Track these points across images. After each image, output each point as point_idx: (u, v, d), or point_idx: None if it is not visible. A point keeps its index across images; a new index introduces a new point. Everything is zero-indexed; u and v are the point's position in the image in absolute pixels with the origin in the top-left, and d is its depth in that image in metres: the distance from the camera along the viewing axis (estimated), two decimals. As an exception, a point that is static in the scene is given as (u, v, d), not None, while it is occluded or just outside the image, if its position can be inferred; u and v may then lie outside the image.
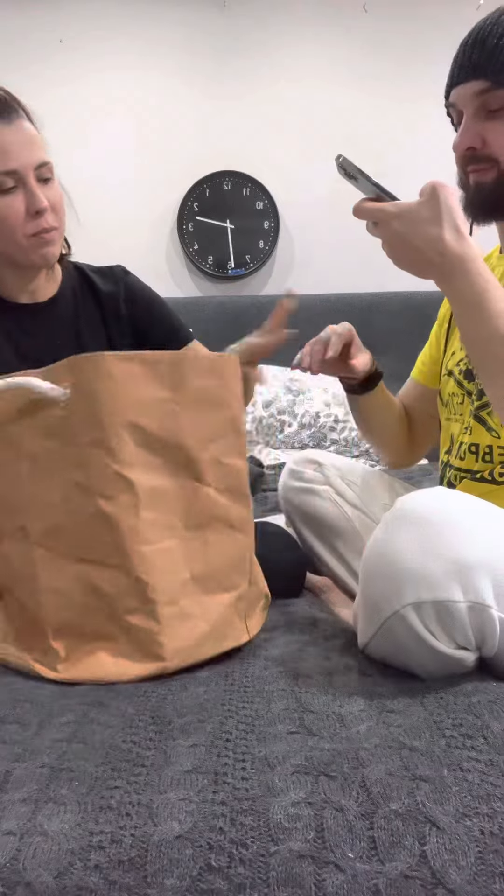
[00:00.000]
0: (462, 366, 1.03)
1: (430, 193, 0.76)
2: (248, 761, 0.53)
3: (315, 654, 0.77)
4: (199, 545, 0.77)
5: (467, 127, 0.91)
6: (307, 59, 2.91)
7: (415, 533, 0.65)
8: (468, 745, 0.54)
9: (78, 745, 0.56)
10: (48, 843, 0.44)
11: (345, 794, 0.48)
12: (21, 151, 1.02)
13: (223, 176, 2.93)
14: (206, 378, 0.78)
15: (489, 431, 0.95)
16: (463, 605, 0.63)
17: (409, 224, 0.77)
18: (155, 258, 2.94)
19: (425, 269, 0.79)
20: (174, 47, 2.90)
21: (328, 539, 1.15)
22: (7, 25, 2.85)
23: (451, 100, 0.93)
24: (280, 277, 3.01)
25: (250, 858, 0.44)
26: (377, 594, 0.67)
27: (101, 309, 1.21)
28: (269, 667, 0.74)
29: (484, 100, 0.89)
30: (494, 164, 0.90)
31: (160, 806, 0.47)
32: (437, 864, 0.43)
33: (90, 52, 2.87)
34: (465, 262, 0.76)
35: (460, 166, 0.95)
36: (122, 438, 0.72)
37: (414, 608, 0.64)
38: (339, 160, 0.80)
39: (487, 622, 0.64)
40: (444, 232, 0.75)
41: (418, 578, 0.64)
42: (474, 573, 0.63)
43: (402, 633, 0.65)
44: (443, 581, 0.63)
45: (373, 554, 0.69)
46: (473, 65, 0.88)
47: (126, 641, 0.72)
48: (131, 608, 0.72)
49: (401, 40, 2.85)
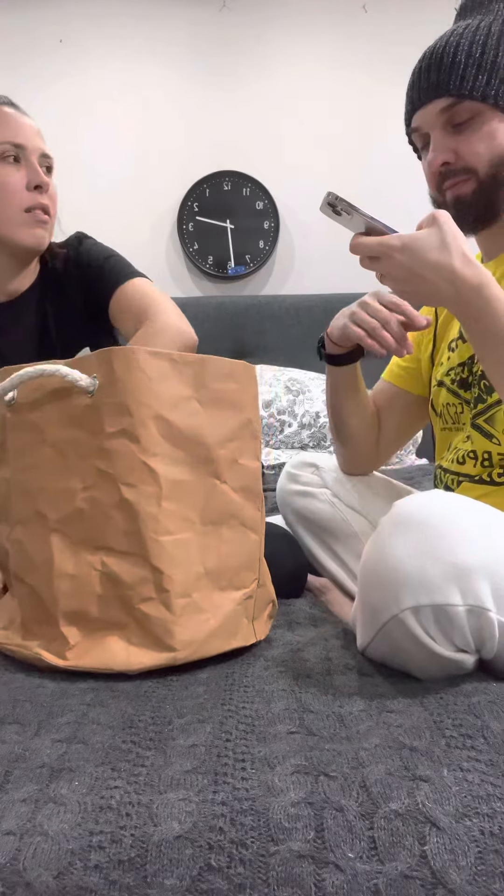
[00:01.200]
0: (454, 375, 1.03)
1: (432, 221, 0.77)
2: (248, 761, 0.53)
3: (315, 654, 0.77)
4: (214, 541, 0.78)
5: (438, 143, 0.92)
6: (307, 59, 2.91)
7: (412, 537, 0.65)
8: (468, 746, 0.54)
9: (78, 745, 0.56)
10: (48, 843, 0.44)
11: (345, 794, 0.48)
12: (28, 134, 1.08)
13: (223, 176, 2.93)
14: (225, 381, 0.80)
15: (489, 438, 0.95)
16: (462, 608, 0.63)
17: (414, 254, 0.76)
18: (155, 258, 2.94)
19: (436, 298, 0.78)
20: (174, 47, 2.90)
21: (326, 542, 1.15)
22: (7, 25, 2.85)
23: (415, 125, 0.95)
24: (280, 277, 3.01)
25: (250, 858, 0.44)
26: (376, 598, 0.67)
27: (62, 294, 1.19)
28: (269, 667, 0.74)
29: (449, 115, 0.90)
30: (472, 174, 0.91)
31: (160, 806, 0.47)
32: (437, 864, 0.43)
33: (90, 51, 2.88)
34: (481, 289, 0.76)
35: (435, 186, 0.95)
36: (149, 429, 0.74)
37: (413, 612, 0.64)
38: (328, 197, 0.79)
39: (486, 625, 0.64)
40: (454, 259, 0.75)
41: (416, 582, 0.63)
42: (473, 576, 0.63)
43: (401, 636, 0.65)
44: (441, 585, 0.63)
45: (371, 558, 0.68)
46: (433, 84, 0.90)
47: (137, 631, 0.72)
48: (146, 597, 0.72)
49: (401, 40, 2.85)
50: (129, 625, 0.73)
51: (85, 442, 0.75)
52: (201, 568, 0.76)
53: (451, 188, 0.93)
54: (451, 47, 0.89)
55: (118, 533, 0.73)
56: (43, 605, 0.76)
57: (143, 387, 0.74)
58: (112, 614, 0.73)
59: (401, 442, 1.21)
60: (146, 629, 0.72)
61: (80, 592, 0.74)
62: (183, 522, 0.75)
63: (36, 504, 0.78)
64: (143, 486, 0.73)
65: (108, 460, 0.73)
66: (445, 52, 0.90)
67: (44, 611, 0.76)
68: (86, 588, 0.74)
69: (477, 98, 0.88)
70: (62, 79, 2.87)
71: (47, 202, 1.09)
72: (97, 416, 0.75)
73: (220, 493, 0.79)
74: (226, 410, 0.80)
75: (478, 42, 0.88)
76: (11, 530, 0.82)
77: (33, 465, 0.79)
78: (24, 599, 0.80)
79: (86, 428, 0.75)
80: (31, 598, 0.78)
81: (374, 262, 0.79)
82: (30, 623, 0.78)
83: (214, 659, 0.76)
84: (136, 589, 0.72)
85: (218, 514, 0.78)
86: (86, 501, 0.75)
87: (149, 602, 0.72)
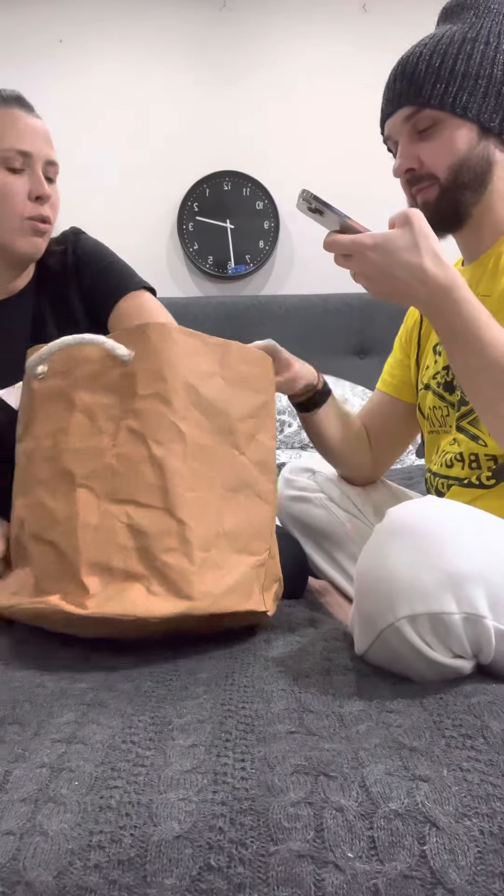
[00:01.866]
0: (440, 378, 1.03)
1: (404, 220, 0.77)
2: (247, 761, 0.53)
3: (315, 655, 0.77)
4: (231, 506, 0.82)
5: (403, 150, 0.95)
6: (307, 58, 2.92)
7: (406, 545, 0.65)
8: (468, 745, 0.54)
9: (77, 745, 0.56)
10: (48, 842, 0.44)
11: (344, 794, 0.48)
12: (36, 141, 1.07)
13: (223, 176, 2.93)
14: (248, 365, 0.87)
15: (475, 440, 0.95)
16: (457, 616, 0.63)
17: (386, 254, 0.77)
18: (155, 258, 2.94)
19: (407, 298, 0.80)
20: (174, 47, 2.90)
21: (324, 546, 1.15)
22: (7, 25, 2.86)
23: (387, 133, 0.99)
24: (280, 277, 3.01)
25: (250, 858, 0.44)
26: (371, 607, 0.67)
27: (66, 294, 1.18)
28: (269, 667, 0.74)
29: (413, 123, 0.94)
30: (434, 180, 0.94)
31: (160, 806, 0.47)
32: (436, 864, 0.43)
33: (90, 51, 2.88)
34: (451, 290, 0.77)
35: (406, 191, 0.98)
36: (180, 394, 0.79)
37: (409, 621, 0.63)
38: (304, 195, 0.80)
39: (483, 632, 0.64)
40: (424, 259, 0.76)
41: (411, 591, 0.63)
42: (467, 584, 0.63)
43: (398, 644, 0.65)
44: (436, 593, 0.63)
45: (365, 567, 0.68)
46: (398, 94, 0.95)
47: (157, 581, 0.74)
48: (169, 547, 0.75)
49: (401, 40, 2.84)
50: (150, 576, 0.74)
51: (116, 405, 0.80)
52: (220, 528, 0.80)
53: (419, 193, 0.96)
54: (413, 58, 0.94)
55: (145, 486, 0.76)
56: (63, 559, 0.77)
57: (177, 357, 0.80)
58: (132, 565, 0.75)
59: (398, 450, 1.21)
60: (167, 579, 0.74)
61: (104, 542, 0.76)
62: (205, 483, 0.79)
63: (62, 464, 0.80)
64: (171, 444, 0.77)
65: (140, 419, 0.78)
66: (409, 63, 0.94)
67: (63, 564, 0.77)
68: (109, 538, 0.76)
69: (435, 106, 0.92)
70: (62, 79, 2.88)
71: (48, 212, 1.09)
72: (131, 381, 0.80)
73: (238, 463, 0.84)
74: (247, 391, 0.86)
75: (438, 52, 0.92)
76: (28, 496, 0.83)
77: (61, 429, 0.82)
78: (39, 559, 0.80)
79: (117, 393, 0.80)
80: (48, 555, 0.79)
81: (347, 260, 0.80)
82: (45, 582, 0.79)
83: (214, 659, 0.76)
84: (160, 540, 0.75)
85: (236, 482, 0.83)
86: (115, 457, 0.78)
87: (171, 552, 0.75)
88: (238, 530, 0.81)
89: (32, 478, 0.84)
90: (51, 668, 0.75)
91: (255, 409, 0.87)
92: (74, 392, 0.82)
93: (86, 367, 0.83)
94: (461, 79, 0.90)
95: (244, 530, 0.82)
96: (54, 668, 0.75)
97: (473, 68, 0.90)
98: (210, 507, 0.79)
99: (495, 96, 0.91)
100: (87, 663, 0.76)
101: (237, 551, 0.81)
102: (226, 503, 0.81)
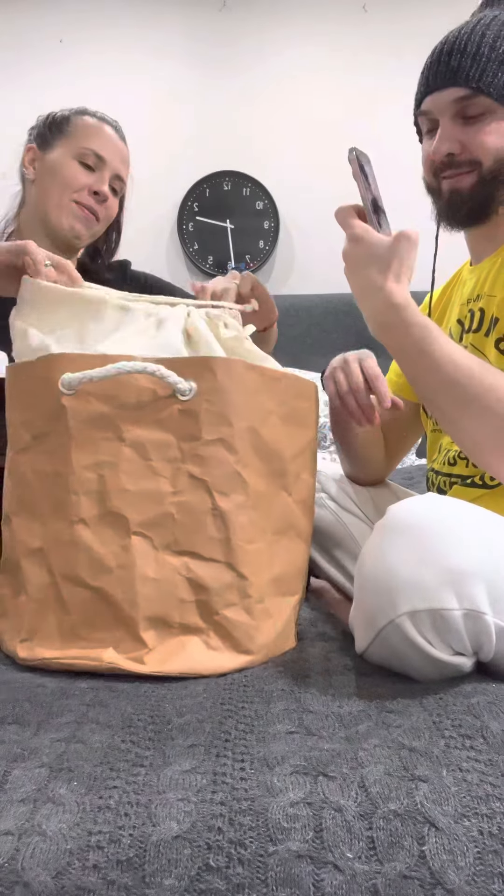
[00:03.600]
0: None
1: (395, 239, 0.79)
2: (246, 761, 0.53)
3: (314, 655, 0.77)
4: (278, 550, 0.81)
5: (446, 132, 0.90)
6: (307, 58, 2.91)
7: (407, 542, 0.65)
8: (467, 746, 0.54)
9: (77, 745, 0.56)
10: (46, 843, 0.44)
11: (344, 795, 0.48)
12: (114, 155, 1.20)
13: (223, 176, 2.93)
14: (300, 399, 0.85)
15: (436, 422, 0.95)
16: (458, 612, 0.63)
17: (362, 254, 0.80)
18: (155, 258, 2.94)
19: (363, 300, 0.82)
20: (174, 47, 2.90)
21: (325, 545, 1.15)
22: (7, 25, 2.85)
23: (425, 107, 0.93)
24: (280, 277, 3.01)
25: (249, 858, 0.44)
26: (372, 604, 0.67)
27: None
28: (268, 667, 0.74)
29: (462, 106, 0.89)
30: (475, 166, 0.90)
31: (159, 806, 0.47)
32: (435, 865, 0.43)
33: (90, 52, 2.88)
34: (401, 309, 0.78)
35: (433, 173, 0.95)
36: (244, 440, 0.76)
37: (409, 617, 0.63)
38: (350, 154, 0.83)
39: (483, 629, 0.64)
40: (388, 276, 0.78)
41: (412, 587, 0.63)
42: (468, 580, 0.63)
43: (399, 641, 0.65)
44: (437, 589, 0.62)
45: (366, 564, 0.68)
46: (452, 71, 0.88)
47: (217, 636, 0.73)
48: (230, 602, 0.74)
49: (401, 40, 2.85)
50: (207, 631, 0.73)
51: (173, 445, 0.75)
52: (270, 575, 0.78)
53: (450, 178, 0.92)
54: (476, 36, 0.87)
55: (207, 539, 0.74)
56: (115, 609, 0.73)
57: (243, 398, 0.76)
58: (191, 618, 0.73)
59: (405, 449, 1.22)
60: (227, 634, 0.73)
61: (164, 597, 0.73)
62: (260, 532, 0.78)
63: (110, 505, 0.74)
64: (234, 494, 0.75)
65: (203, 467, 0.74)
66: (470, 41, 0.87)
67: (116, 614, 0.73)
68: (170, 592, 0.73)
69: (493, 95, 0.87)
70: (62, 79, 2.87)
71: (98, 208, 1.17)
72: (193, 421, 0.74)
73: (285, 504, 0.82)
74: (298, 427, 0.84)
75: (502, 36, 0.86)
76: (54, 526, 0.76)
77: (109, 464, 0.74)
78: (79, 604, 0.74)
79: (176, 432, 0.75)
80: (94, 603, 0.73)
81: None
82: (85, 629, 0.73)
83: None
84: (221, 595, 0.73)
85: (282, 525, 0.82)
86: (175, 506, 0.74)
87: (232, 607, 0.74)
88: (283, 573, 0.81)
89: (65, 509, 0.75)
90: (50, 668, 0.75)
91: (303, 447, 0.85)
92: (122, 423, 0.75)
93: (134, 395, 0.75)
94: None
95: (287, 572, 0.82)
96: (54, 668, 0.75)
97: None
98: (264, 555, 0.78)
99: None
100: (87, 663, 0.76)
101: (282, 594, 0.80)
102: (274, 548, 0.80)
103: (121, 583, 0.73)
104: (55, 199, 1.16)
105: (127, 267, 1.33)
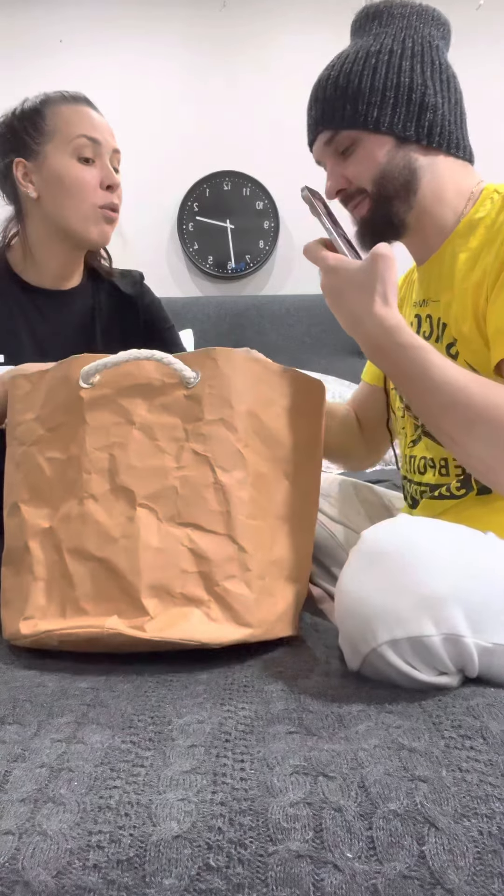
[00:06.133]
0: None
1: (371, 260, 0.81)
2: (247, 762, 0.53)
3: (315, 657, 0.78)
4: (281, 534, 0.83)
5: (331, 172, 0.97)
6: (307, 59, 2.91)
7: (381, 570, 0.65)
8: (467, 746, 0.54)
9: (77, 745, 0.56)
10: (47, 842, 0.45)
11: (343, 795, 0.48)
12: (104, 133, 1.16)
13: (223, 176, 2.93)
14: (305, 394, 0.88)
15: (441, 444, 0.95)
16: (437, 637, 0.62)
17: (342, 283, 0.82)
18: (155, 258, 2.94)
19: (351, 328, 0.84)
20: (174, 47, 2.90)
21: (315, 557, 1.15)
22: (7, 25, 2.85)
23: (314, 157, 1.01)
24: (280, 277, 3.01)
25: (249, 858, 0.44)
26: (353, 633, 0.67)
27: (120, 307, 1.24)
28: (268, 667, 0.74)
29: (334, 146, 0.95)
30: (364, 194, 0.95)
31: (159, 806, 0.47)
32: (435, 865, 0.43)
33: (90, 52, 2.87)
34: (394, 333, 0.79)
35: (345, 207, 1.00)
36: (245, 422, 0.80)
37: (390, 645, 0.63)
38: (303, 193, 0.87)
39: (464, 651, 0.64)
40: (375, 299, 0.80)
41: (389, 616, 0.63)
42: (444, 605, 0.62)
43: (384, 667, 0.65)
44: (414, 617, 0.62)
45: (343, 593, 0.68)
46: (315, 121, 0.96)
47: (217, 607, 0.74)
48: (230, 574, 0.75)
49: (401, 40, 2.84)
50: (209, 602, 0.75)
51: (178, 427, 0.80)
52: (272, 556, 0.81)
53: (354, 210, 0.97)
54: (323, 81, 0.95)
55: (209, 512, 0.77)
56: (118, 578, 0.76)
57: (244, 384, 0.81)
58: (193, 589, 0.75)
59: (385, 441, 1.21)
60: (227, 605, 0.74)
61: (166, 566, 0.75)
62: (261, 510, 0.80)
63: (118, 480, 0.79)
64: (234, 470, 0.78)
65: (206, 444, 0.79)
66: (319, 87, 0.95)
67: (119, 583, 0.76)
68: (172, 561, 0.76)
69: (349, 127, 0.92)
70: (62, 79, 2.87)
71: (117, 201, 1.15)
72: (196, 405, 0.80)
73: (288, 491, 0.85)
74: (301, 419, 0.87)
75: (345, 72, 0.92)
76: (63, 507, 0.80)
77: (119, 444, 0.80)
78: (83, 576, 0.78)
79: (180, 415, 0.80)
80: (98, 573, 0.77)
81: None
82: (89, 602, 0.76)
83: (214, 659, 0.76)
84: (222, 567, 0.75)
85: (284, 511, 0.84)
86: (179, 480, 0.78)
87: (232, 579, 0.75)
88: (285, 558, 0.83)
89: (76, 488, 0.80)
90: (51, 668, 0.75)
91: (308, 439, 0.88)
92: (132, 409, 0.81)
93: (143, 384, 0.82)
94: (369, 94, 0.90)
95: (289, 558, 0.83)
96: (54, 668, 0.75)
97: (379, 82, 0.90)
98: (265, 534, 0.80)
99: (406, 105, 0.90)
100: (88, 663, 0.76)
101: (284, 578, 0.82)
102: (276, 532, 0.82)
103: (125, 552, 0.76)
104: (75, 212, 1.11)
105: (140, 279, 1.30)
